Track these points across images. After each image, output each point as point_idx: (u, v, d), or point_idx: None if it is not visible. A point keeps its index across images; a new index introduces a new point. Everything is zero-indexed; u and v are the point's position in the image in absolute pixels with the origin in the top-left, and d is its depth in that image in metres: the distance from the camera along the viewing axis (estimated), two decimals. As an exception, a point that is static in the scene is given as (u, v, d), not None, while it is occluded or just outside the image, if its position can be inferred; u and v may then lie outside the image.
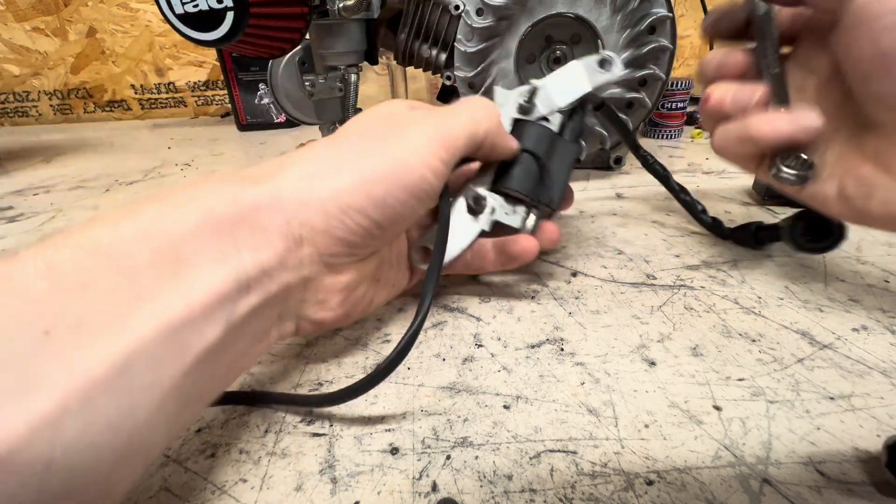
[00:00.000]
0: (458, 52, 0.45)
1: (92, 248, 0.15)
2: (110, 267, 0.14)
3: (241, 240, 0.18)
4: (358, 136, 0.23)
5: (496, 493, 0.18)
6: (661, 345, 0.26)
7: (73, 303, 0.13)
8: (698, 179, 0.52)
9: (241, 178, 0.20)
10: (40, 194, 0.58)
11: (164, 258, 0.15)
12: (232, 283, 0.17)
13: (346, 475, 0.19)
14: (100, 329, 0.13)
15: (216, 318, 0.16)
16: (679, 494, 0.17)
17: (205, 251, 0.16)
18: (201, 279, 0.16)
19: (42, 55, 1.10)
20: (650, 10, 0.43)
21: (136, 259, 0.15)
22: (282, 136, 0.87)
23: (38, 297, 0.13)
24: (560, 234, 0.29)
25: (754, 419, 0.21)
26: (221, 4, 0.39)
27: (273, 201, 0.19)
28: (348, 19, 0.46)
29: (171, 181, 0.61)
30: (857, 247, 0.35)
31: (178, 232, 0.16)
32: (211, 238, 0.17)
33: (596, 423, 0.21)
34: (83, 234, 0.15)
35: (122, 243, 0.15)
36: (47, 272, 0.14)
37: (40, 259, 0.14)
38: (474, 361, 0.25)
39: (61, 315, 0.13)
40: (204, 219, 0.17)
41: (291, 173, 0.20)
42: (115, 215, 0.16)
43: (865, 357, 0.24)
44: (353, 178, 0.20)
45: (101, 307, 0.14)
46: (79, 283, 0.14)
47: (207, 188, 0.18)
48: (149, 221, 0.16)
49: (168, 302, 0.15)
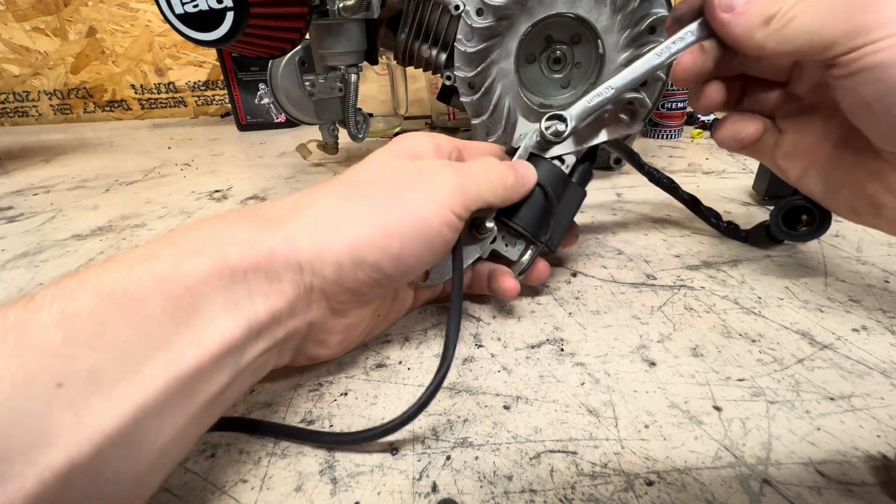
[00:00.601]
0: (458, 52, 0.45)
1: (107, 295, 0.15)
2: (125, 315, 0.14)
3: (255, 287, 0.18)
4: (377, 184, 0.22)
5: (496, 494, 0.18)
6: (661, 345, 0.26)
7: (87, 353, 0.13)
8: (698, 179, 0.52)
9: (256, 220, 0.19)
10: (40, 194, 0.58)
11: (178, 305, 0.15)
12: (243, 331, 0.17)
13: (346, 475, 0.19)
14: (112, 381, 0.13)
15: (225, 366, 0.16)
16: (679, 495, 0.17)
17: (218, 299, 0.17)
18: (214, 327, 0.16)
19: (42, 55, 1.10)
20: (650, 10, 0.43)
21: (151, 306, 0.15)
22: (282, 136, 0.87)
23: (53, 349, 0.13)
24: (549, 274, 0.30)
25: (754, 419, 0.21)
26: (221, 4, 0.39)
27: (288, 249, 0.19)
28: (348, 19, 0.46)
29: (171, 181, 0.61)
30: (857, 247, 0.35)
31: (193, 279, 0.16)
32: (225, 285, 0.17)
33: (596, 424, 0.21)
34: (99, 278, 0.15)
35: (137, 290, 0.15)
36: (62, 321, 0.14)
37: (56, 306, 0.14)
38: (474, 362, 0.25)
39: (75, 367, 0.13)
40: (219, 266, 0.17)
41: (308, 220, 0.20)
42: (132, 258, 0.16)
43: (865, 357, 0.24)
44: (369, 231, 0.20)
45: (115, 357, 0.14)
46: (93, 333, 0.14)
47: (223, 231, 0.18)
48: (165, 268, 0.16)
49: (181, 351, 0.15)
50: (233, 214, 0.20)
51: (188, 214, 0.48)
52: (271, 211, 0.21)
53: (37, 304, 0.14)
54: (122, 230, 0.45)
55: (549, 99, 0.50)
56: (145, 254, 0.16)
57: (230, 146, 0.81)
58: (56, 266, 0.38)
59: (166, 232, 0.19)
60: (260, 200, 0.52)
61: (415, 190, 0.22)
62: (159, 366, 0.14)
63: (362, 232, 0.20)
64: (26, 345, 0.13)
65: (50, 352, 0.13)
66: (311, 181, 0.58)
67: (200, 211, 0.49)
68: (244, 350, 0.17)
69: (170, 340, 0.15)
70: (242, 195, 0.54)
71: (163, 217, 0.48)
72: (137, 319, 0.15)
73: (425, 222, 0.21)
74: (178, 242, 0.17)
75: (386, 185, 0.22)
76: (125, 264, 0.16)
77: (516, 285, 0.27)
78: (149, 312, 0.15)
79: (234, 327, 0.17)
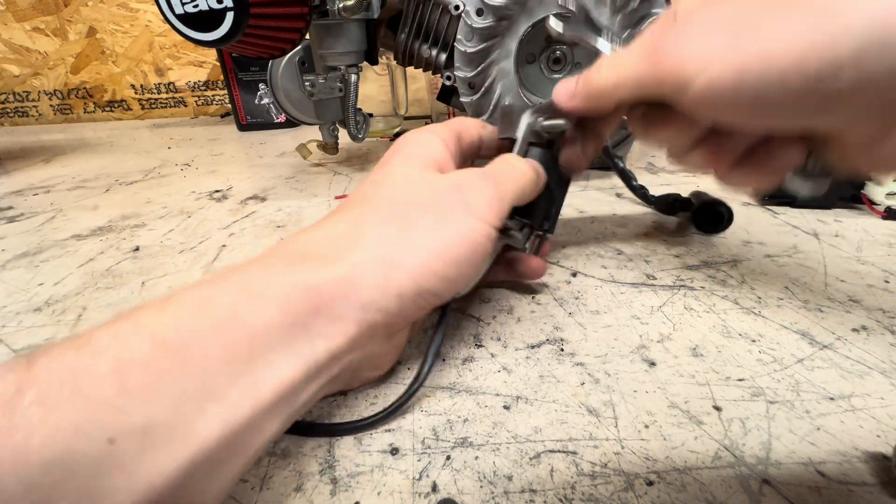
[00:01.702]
0: (458, 53, 0.45)
1: (163, 342, 0.14)
2: (181, 365, 0.14)
3: (316, 330, 0.17)
4: (422, 206, 0.21)
5: (496, 494, 0.18)
6: (661, 345, 0.26)
7: (141, 406, 0.13)
8: (698, 179, 0.52)
9: (310, 258, 0.19)
10: (40, 194, 0.58)
11: (236, 354, 0.15)
12: (301, 375, 0.17)
13: (346, 475, 0.19)
14: (165, 436, 0.13)
15: (279, 413, 0.16)
16: (679, 495, 0.17)
17: (278, 345, 0.16)
18: (271, 375, 0.16)
19: (42, 55, 1.10)
20: (650, 10, 0.43)
21: (209, 355, 0.15)
22: (282, 136, 0.87)
23: (106, 400, 0.13)
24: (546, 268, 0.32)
25: (754, 419, 0.21)
26: (221, 4, 0.39)
27: (350, 289, 0.18)
28: (348, 19, 0.46)
29: (171, 181, 0.61)
30: (857, 247, 0.35)
31: (253, 326, 0.16)
32: (286, 331, 0.16)
33: (596, 424, 0.21)
34: (156, 323, 0.15)
35: (194, 338, 0.15)
36: (117, 370, 0.13)
37: (111, 353, 0.14)
38: (474, 362, 0.25)
39: (128, 421, 0.13)
40: (281, 311, 0.16)
41: (366, 256, 0.19)
42: (189, 301, 0.16)
43: (865, 357, 0.24)
44: (429, 261, 0.20)
45: (169, 410, 0.13)
46: (148, 383, 0.13)
47: (281, 273, 0.18)
48: (224, 314, 0.16)
49: (236, 402, 0.15)
50: (283, 252, 0.19)
51: (188, 214, 0.48)
52: (320, 246, 0.20)
53: (92, 349, 0.14)
54: (122, 230, 0.45)
55: (548, 99, 0.50)
56: (203, 298, 0.16)
57: (230, 146, 0.81)
58: (56, 266, 0.38)
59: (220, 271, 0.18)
60: (260, 200, 0.52)
61: (459, 209, 0.21)
62: (214, 419, 0.14)
63: (423, 262, 0.20)
64: (80, 395, 0.13)
65: (103, 403, 0.13)
66: (311, 181, 0.58)
67: (200, 211, 0.49)
68: (299, 393, 0.17)
69: (226, 391, 0.14)
70: (242, 195, 0.54)
71: (163, 217, 0.48)
72: (194, 369, 0.14)
73: (475, 243, 0.21)
74: (236, 286, 0.17)
75: (430, 207, 0.21)
76: (182, 308, 0.15)
77: (544, 265, 0.30)
78: (206, 362, 0.14)
79: (293, 373, 0.16)
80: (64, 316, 0.31)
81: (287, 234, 0.42)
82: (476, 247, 0.21)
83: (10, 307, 0.32)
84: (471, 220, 0.21)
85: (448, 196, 0.22)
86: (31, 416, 0.12)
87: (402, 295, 0.19)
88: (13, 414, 0.12)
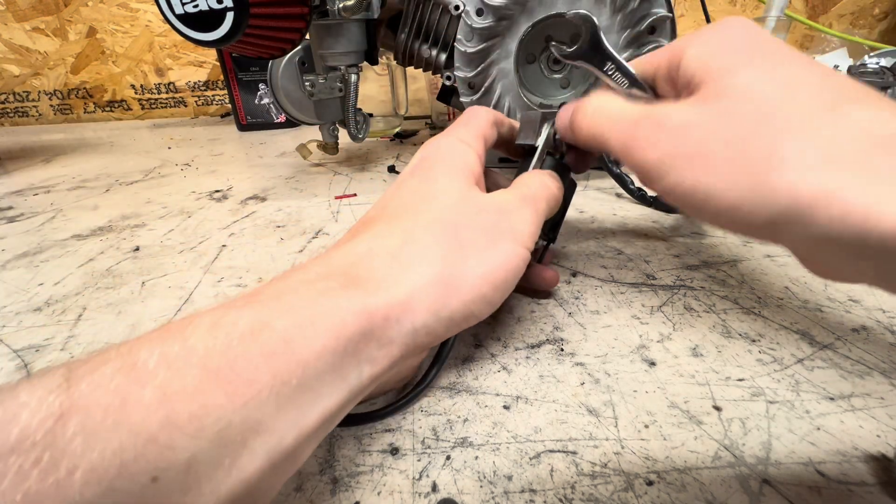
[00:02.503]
0: (458, 53, 0.45)
1: (213, 371, 0.14)
2: (229, 397, 0.14)
3: (365, 356, 0.17)
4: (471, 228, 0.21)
5: (496, 494, 0.18)
6: (661, 345, 0.26)
7: (186, 442, 0.13)
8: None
9: (363, 282, 0.18)
10: (40, 194, 0.58)
11: (286, 384, 0.15)
12: (344, 402, 0.16)
13: (346, 475, 0.19)
14: (208, 473, 0.13)
15: (317, 438, 0.16)
16: (679, 495, 0.17)
17: (327, 373, 0.16)
18: (318, 404, 0.15)
19: (42, 55, 1.10)
20: (650, 10, 0.43)
21: (258, 387, 0.14)
22: (282, 136, 0.87)
23: (152, 437, 0.12)
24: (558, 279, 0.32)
25: (754, 419, 0.21)
26: (221, 4, 0.39)
27: (404, 313, 0.18)
28: (348, 19, 0.46)
29: (172, 181, 0.61)
30: (857, 247, 0.35)
31: (305, 355, 0.15)
32: (338, 358, 0.16)
33: (596, 424, 0.21)
34: (208, 344, 0.14)
35: (245, 368, 0.14)
36: (163, 403, 0.13)
37: (159, 381, 0.13)
38: (474, 361, 0.25)
39: (172, 458, 0.12)
40: (333, 340, 0.16)
41: (423, 279, 0.19)
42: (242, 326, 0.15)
43: (865, 357, 0.24)
44: (480, 286, 0.20)
45: (214, 445, 0.13)
46: (195, 416, 0.13)
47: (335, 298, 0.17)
48: (276, 342, 0.15)
49: (282, 434, 0.14)
50: (336, 266, 0.19)
51: (188, 214, 0.48)
52: (374, 263, 0.19)
53: (139, 375, 0.13)
54: (122, 230, 0.45)
55: (548, 99, 0.50)
56: (255, 323, 0.15)
57: (230, 146, 0.81)
58: (56, 266, 0.38)
59: (268, 285, 0.18)
60: (260, 200, 0.52)
61: (507, 235, 0.22)
62: (258, 452, 0.14)
63: (474, 286, 0.20)
64: (125, 428, 0.12)
65: (148, 438, 0.12)
66: (311, 181, 0.58)
67: (201, 211, 0.49)
68: (337, 417, 0.17)
69: (271, 424, 0.14)
70: (242, 195, 0.54)
71: (163, 217, 0.48)
72: (242, 402, 0.14)
73: (517, 267, 0.21)
74: (290, 310, 0.16)
75: (479, 230, 0.21)
76: (234, 333, 0.15)
77: (557, 275, 0.30)
78: (255, 393, 0.14)
79: (337, 399, 0.16)
80: (64, 316, 0.31)
81: (287, 233, 0.42)
82: (517, 271, 0.21)
83: (10, 307, 0.32)
84: (515, 245, 0.21)
85: (495, 220, 0.22)
86: (75, 448, 0.11)
87: (452, 318, 0.19)
88: (54, 446, 0.11)
